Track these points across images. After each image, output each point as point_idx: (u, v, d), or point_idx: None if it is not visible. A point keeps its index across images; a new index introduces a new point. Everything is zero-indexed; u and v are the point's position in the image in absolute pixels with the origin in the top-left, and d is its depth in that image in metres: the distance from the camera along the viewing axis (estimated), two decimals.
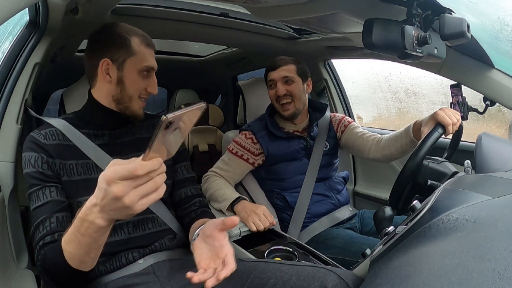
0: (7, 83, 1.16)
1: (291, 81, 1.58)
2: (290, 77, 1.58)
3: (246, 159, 1.59)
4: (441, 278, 0.52)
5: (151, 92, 1.07)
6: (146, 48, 1.04)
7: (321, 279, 0.86)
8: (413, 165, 1.10)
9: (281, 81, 1.58)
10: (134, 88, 1.03)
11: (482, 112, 1.35)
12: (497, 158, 0.94)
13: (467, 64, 1.29)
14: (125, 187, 0.58)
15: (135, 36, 1.03)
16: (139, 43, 1.03)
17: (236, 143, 1.62)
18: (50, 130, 1.00)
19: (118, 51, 1.00)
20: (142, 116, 1.08)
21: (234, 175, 1.60)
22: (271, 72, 1.61)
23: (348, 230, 1.52)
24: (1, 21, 0.52)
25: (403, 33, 0.92)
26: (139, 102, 1.05)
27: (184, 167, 1.19)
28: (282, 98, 1.57)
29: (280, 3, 1.17)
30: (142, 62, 1.02)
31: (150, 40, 1.07)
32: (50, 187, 0.94)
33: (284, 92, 1.56)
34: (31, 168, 0.94)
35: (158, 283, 0.96)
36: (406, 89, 2.35)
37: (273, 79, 1.60)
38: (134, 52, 1.01)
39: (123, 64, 1.01)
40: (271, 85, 1.61)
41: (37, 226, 0.90)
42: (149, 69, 1.05)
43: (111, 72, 1.01)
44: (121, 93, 1.02)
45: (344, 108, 2.21)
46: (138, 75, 1.03)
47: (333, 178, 1.67)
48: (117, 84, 1.02)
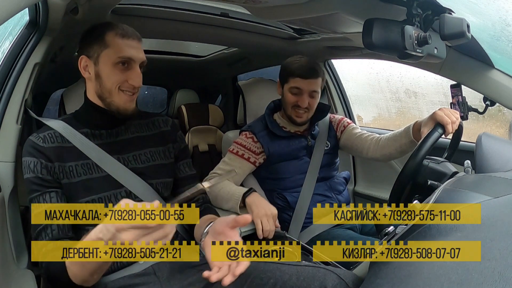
0: (7, 83, 1.16)
1: (316, 95, 1.54)
2: (317, 92, 1.53)
3: (247, 158, 1.58)
4: (441, 278, 0.52)
5: (133, 85, 1.01)
6: (122, 39, 0.99)
7: (321, 279, 0.86)
8: (413, 165, 1.10)
9: (307, 93, 1.51)
10: (112, 81, 1.00)
11: (482, 112, 1.35)
12: (497, 158, 0.95)
13: (467, 64, 1.29)
14: (135, 236, 0.61)
15: (110, 30, 1.00)
16: (113, 36, 0.99)
17: (237, 143, 1.62)
18: (48, 132, 1.00)
19: (93, 46, 1.00)
20: (132, 111, 1.04)
21: (235, 175, 1.59)
22: (300, 79, 1.50)
23: (348, 230, 1.52)
24: (1, 21, 0.52)
25: (403, 33, 0.92)
26: (121, 96, 1.01)
27: (186, 164, 1.19)
28: (301, 109, 1.54)
29: (280, 3, 1.17)
30: (116, 53, 0.98)
31: (129, 31, 1.02)
32: (50, 193, 0.95)
33: (306, 105, 1.52)
34: (30, 174, 0.95)
35: (159, 283, 0.97)
36: (406, 89, 2.35)
37: (300, 88, 1.51)
38: (108, 45, 0.99)
39: (98, 58, 1.00)
40: (296, 92, 1.52)
41: (39, 233, 0.92)
42: (127, 60, 1.00)
43: (89, 69, 1.01)
44: (100, 88, 1.01)
45: (344, 108, 2.20)
46: (113, 67, 0.99)
47: (334, 178, 1.66)
48: (96, 79, 1.01)
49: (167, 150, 1.14)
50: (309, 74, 1.51)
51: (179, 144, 1.18)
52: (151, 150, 1.10)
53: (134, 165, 1.06)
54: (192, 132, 2.48)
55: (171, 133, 1.16)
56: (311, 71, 1.51)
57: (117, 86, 1.00)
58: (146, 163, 1.08)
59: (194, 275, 0.99)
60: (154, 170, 1.08)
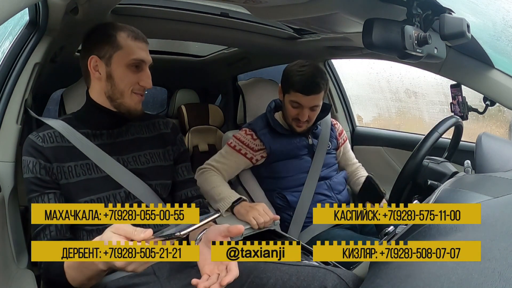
0: (7, 83, 1.16)
1: (317, 109, 1.53)
2: (318, 106, 1.53)
3: (244, 154, 1.58)
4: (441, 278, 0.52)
5: (144, 86, 1.03)
6: (134, 41, 1.02)
7: (321, 279, 0.86)
8: (413, 165, 1.10)
9: (308, 108, 1.50)
10: (125, 83, 1.01)
11: (482, 112, 1.35)
12: (497, 158, 0.95)
13: (467, 64, 1.29)
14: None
15: (121, 31, 1.01)
16: (125, 37, 1.01)
17: (236, 138, 1.62)
18: (48, 132, 1.00)
19: (104, 47, 1.00)
20: (140, 112, 1.06)
21: (229, 168, 1.58)
22: (301, 94, 1.47)
23: (348, 230, 1.52)
24: (1, 21, 0.52)
25: (403, 33, 0.91)
26: (133, 97, 1.03)
27: (185, 167, 1.19)
28: (300, 121, 1.54)
29: (280, 3, 1.17)
30: (129, 55, 1.00)
31: (139, 34, 1.04)
32: (49, 194, 0.96)
33: (306, 118, 1.52)
34: (29, 174, 0.96)
35: (159, 283, 0.97)
36: (406, 89, 2.35)
37: (300, 103, 1.49)
38: (121, 46, 1.00)
39: (110, 59, 1.00)
40: (296, 106, 1.51)
41: (37, 234, 0.93)
42: (139, 63, 1.02)
43: (100, 69, 1.01)
44: (111, 89, 1.01)
45: (344, 108, 2.21)
46: (126, 69, 1.01)
47: (333, 178, 1.67)
48: (107, 80, 1.01)
49: (167, 152, 1.14)
50: (310, 91, 1.46)
51: (179, 147, 1.18)
52: (150, 151, 1.10)
53: (134, 166, 1.06)
54: (192, 132, 2.48)
55: (171, 136, 1.16)
56: (313, 87, 1.46)
57: (130, 88, 1.01)
58: (146, 165, 1.08)
59: (194, 275, 0.99)
60: (154, 171, 1.08)
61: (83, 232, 0.99)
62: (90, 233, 0.98)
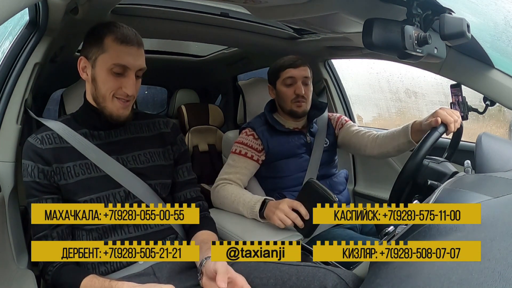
0: (7, 83, 1.16)
1: (309, 83, 1.57)
2: (309, 78, 1.57)
3: (250, 157, 1.57)
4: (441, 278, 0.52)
5: (127, 93, 0.98)
6: (120, 45, 0.96)
7: (321, 279, 0.86)
8: (413, 165, 1.10)
9: (301, 80, 1.55)
10: (106, 87, 0.98)
11: (482, 112, 1.35)
12: (497, 158, 0.94)
13: (467, 64, 1.29)
14: None
15: (110, 34, 0.97)
16: (111, 40, 0.96)
17: (238, 143, 1.61)
18: (46, 133, 1.00)
19: (92, 49, 0.98)
20: (124, 117, 1.02)
21: (242, 175, 1.55)
22: (291, 68, 1.56)
23: (348, 230, 1.52)
24: (1, 21, 0.52)
25: (403, 33, 0.92)
26: (115, 103, 0.99)
27: (186, 168, 1.19)
28: (300, 98, 1.54)
29: (280, 3, 1.17)
30: (112, 59, 0.96)
31: (129, 37, 0.98)
32: (47, 199, 0.97)
33: (303, 92, 1.54)
34: (28, 177, 0.97)
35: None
36: (406, 89, 2.35)
37: (293, 76, 1.55)
38: (105, 49, 0.96)
39: (95, 61, 0.98)
40: (290, 83, 1.56)
41: (38, 240, 0.95)
42: (123, 67, 0.97)
43: (87, 70, 1.00)
44: (96, 91, 1.00)
45: (344, 108, 2.21)
46: (108, 73, 0.97)
47: (333, 177, 1.66)
48: (92, 82, 1.00)
49: (167, 152, 1.13)
50: (298, 62, 1.57)
51: (179, 147, 1.17)
52: (150, 151, 1.10)
53: (133, 165, 1.06)
54: (192, 132, 2.48)
55: (171, 135, 1.16)
56: (298, 60, 1.57)
57: (111, 93, 0.98)
58: (146, 164, 1.08)
59: (194, 276, 0.99)
60: (153, 170, 1.08)
61: (83, 232, 0.99)
62: (90, 233, 0.98)
